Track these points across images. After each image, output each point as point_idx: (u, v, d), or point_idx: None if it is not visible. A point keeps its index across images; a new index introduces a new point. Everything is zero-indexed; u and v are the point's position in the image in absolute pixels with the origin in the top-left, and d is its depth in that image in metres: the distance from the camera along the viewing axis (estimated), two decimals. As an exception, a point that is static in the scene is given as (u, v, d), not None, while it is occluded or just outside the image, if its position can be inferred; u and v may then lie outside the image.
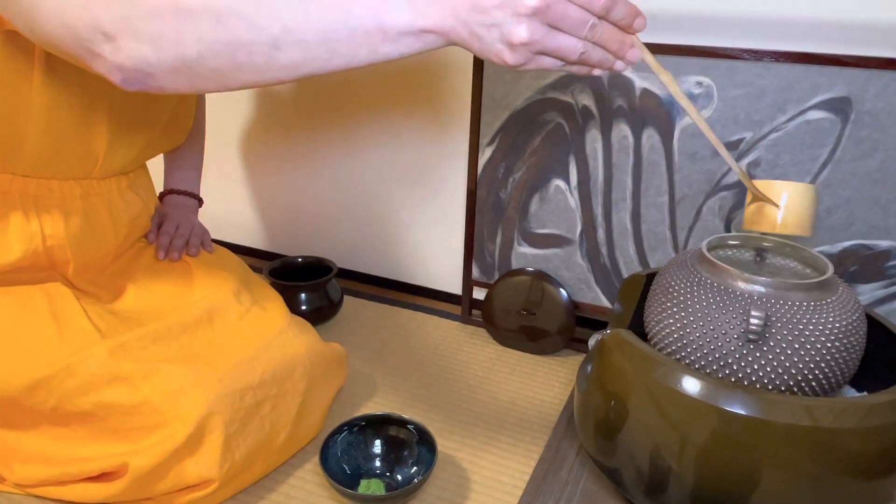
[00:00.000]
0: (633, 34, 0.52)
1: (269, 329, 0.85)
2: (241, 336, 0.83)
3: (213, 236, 1.02)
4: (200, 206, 1.08)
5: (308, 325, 0.91)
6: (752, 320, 0.61)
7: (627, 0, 0.50)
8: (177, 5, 0.50)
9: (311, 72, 0.54)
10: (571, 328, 1.07)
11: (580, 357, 1.08)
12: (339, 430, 0.78)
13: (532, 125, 1.02)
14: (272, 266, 1.15)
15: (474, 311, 1.19)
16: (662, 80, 0.58)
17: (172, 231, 0.96)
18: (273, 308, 0.89)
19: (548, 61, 0.51)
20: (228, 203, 1.41)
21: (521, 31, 0.47)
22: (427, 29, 0.50)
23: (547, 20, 0.47)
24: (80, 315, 0.77)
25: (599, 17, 0.49)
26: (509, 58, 0.50)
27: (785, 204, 0.66)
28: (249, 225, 1.42)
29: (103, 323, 0.77)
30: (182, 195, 1.05)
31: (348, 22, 0.50)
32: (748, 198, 0.68)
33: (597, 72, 0.54)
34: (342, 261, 1.31)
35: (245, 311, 0.87)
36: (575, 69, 0.53)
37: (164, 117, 0.90)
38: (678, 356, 0.67)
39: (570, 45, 0.49)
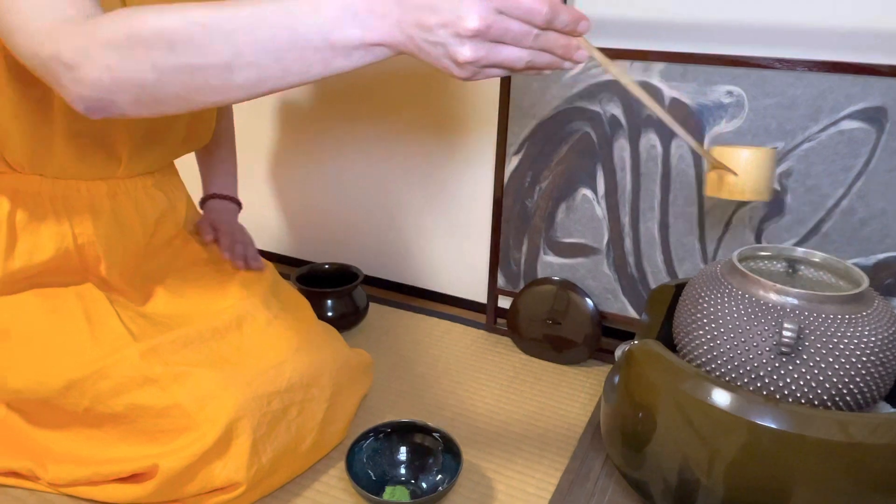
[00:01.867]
0: (579, 36, 0.52)
1: (297, 335, 0.86)
2: (270, 341, 0.84)
3: (243, 242, 1.04)
4: (240, 210, 1.10)
5: (335, 331, 0.92)
6: (785, 332, 0.60)
7: (569, 7, 0.50)
8: (131, 35, 0.52)
9: (271, 89, 0.55)
10: (597, 338, 1.07)
11: (606, 368, 1.07)
12: (365, 436, 0.78)
13: (559, 134, 1.02)
14: (300, 272, 1.17)
15: (499, 320, 1.19)
16: (612, 74, 0.58)
17: (236, 238, 1.00)
18: (301, 314, 0.91)
19: (496, 72, 0.52)
20: (257, 210, 1.43)
21: (465, 52, 0.48)
22: (376, 43, 0.51)
23: (489, 38, 0.48)
24: (113, 318, 0.79)
25: (543, 28, 0.50)
26: (457, 73, 0.51)
27: (743, 170, 0.66)
28: (277, 231, 1.44)
29: (135, 326, 0.79)
30: (224, 200, 1.07)
31: (297, 42, 0.51)
32: (707, 166, 0.70)
33: (546, 72, 0.54)
34: (368, 268, 1.32)
35: (273, 316, 0.88)
36: (523, 73, 0.53)
37: (185, 118, 0.92)
38: (708, 368, 0.67)
39: (515, 55, 0.50)
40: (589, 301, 1.06)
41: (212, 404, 0.72)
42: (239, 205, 1.10)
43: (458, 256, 1.25)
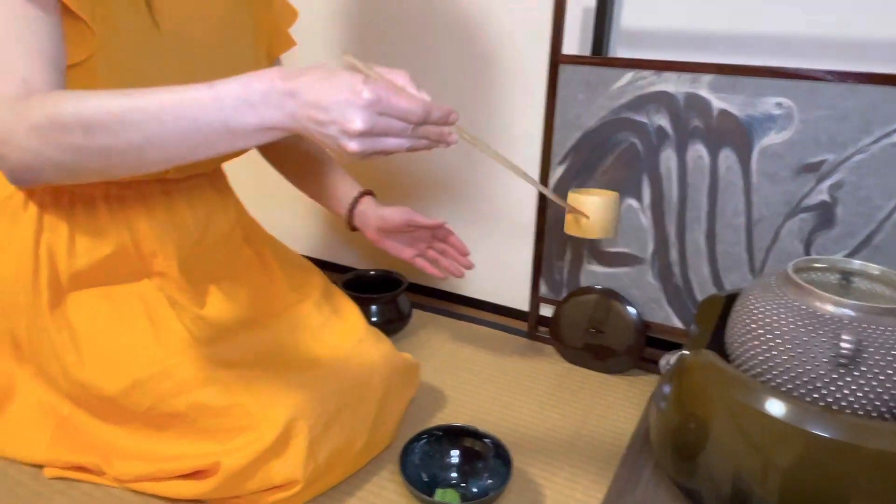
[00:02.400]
0: (451, 124, 0.60)
1: (348, 338, 0.88)
2: (323, 345, 0.86)
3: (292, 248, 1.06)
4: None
5: (384, 335, 0.93)
6: (844, 344, 0.60)
7: (440, 106, 0.57)
8: (52, 120, 0.57)
9: (180, 162, 0.62)
10: (641, 348, 1.07)
11: (650, 377, 1.08)
12: (417, 438, 0.80)
13: (605, 145, 1.03)
14: (346, 278, 1.19)
15: (540, 328, 1.19)
16: (479, 148, 0.67)
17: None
18: (352, 318, 0.93)
19: (381, 154, 0.58)
20: (304, 217, 1.46)
21: (352, 145, 0.55)
22: (271, 127, 0.57)
23: (374, 135, 0.55)
24: (174, 320, 0.82)
25: (419, 124, 0.57)
26: (346, 157, 0.58)
27: (592, 213, 0.79)
28: (323, 238, 1.46)
29: (195, 328, 0.82)
30: (370, 195, 1.01)
31: (201, 129, 0.57)
32: (567, 209, 0.82)
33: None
34: (412, 275, 1.33)
35: (326, 320, 0.90)
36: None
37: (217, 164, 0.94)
38: (763, 379, 0.67)
39: (396, 144, 0.58)
40: (633, 310, 1.06)
41: (271, 404, 0.75)
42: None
43: (500, 264, 1.26)
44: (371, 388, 0.83)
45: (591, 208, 0.79)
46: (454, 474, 0.81)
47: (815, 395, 0.64)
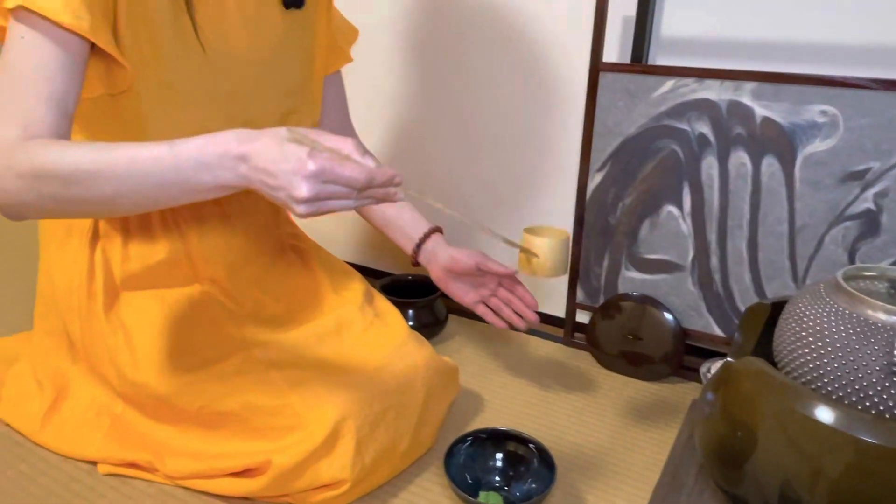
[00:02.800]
0: (399, 181, 0.62)
1: (391, 341, 0.90)
2: (367, 347, 0.88)
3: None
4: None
5: (424, 339, 0.95)
6: (897, 353, 0.60)
7: (384, 169, 0.59)
8: (34, 170, 0.60)
9: (153, 209, 0.69)
10: (680, 355, 1.07)
11: (689, 385, 1.08)
12: (462, 440, 0.81)
13: (645, 152, 1.04)
14: (382, 283, 1.21)
15: (577, 335, 1.20)
16: (427, 202, 0.71)
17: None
18: (393, 321, 0.94)
19: (329, 213, 0.61)
20: (344, 223, 1.47)
21: (300, 209, 0.58)
22: (227, 186, 0.61)
23: (319, 199, 0.57)
24: (225, 322, 0.84)
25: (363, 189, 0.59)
26: (295, 217, 0.65)
27: (542, 253, 0.82)
28: (360, 243, 1.48)
29: (247, 330, 0.84)
30: (438, 232, 0.98)
31: (164, 185, 0.61)
32: (519, 249, 0.85)
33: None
34: None
35: (369, 323, 0.92)
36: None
37: None
38: (813, 386, 0.67)
39: (343, 205, 0.60)
40: (671, 317, 1.06)
41: (319, 405, 0.76)
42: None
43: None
44: (414, 390, 0.84)
45: (542, 249, 0.81)
46: (497, 477, 0.81)
47: (867, 403, 0.63)
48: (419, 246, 0.95)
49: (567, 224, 1.19)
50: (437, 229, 0.97)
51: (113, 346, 0.83)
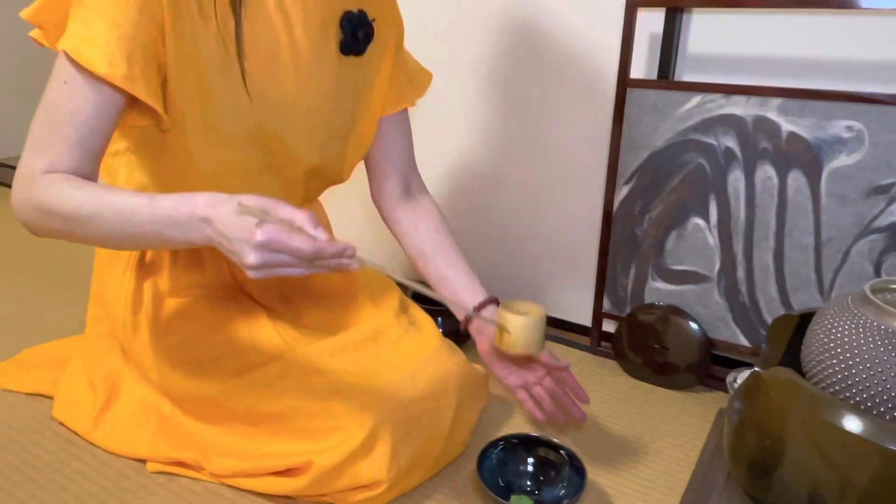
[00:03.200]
0: (351, 254, 0.63)
1: (425, 348, 0.91)
2: (402, 353, 0.89)
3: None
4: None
5: (456, 347, 0.96)
6: (925, 364, 0.61)
7: (334, 243, 0.60)
8: (44, 207, 0.66)
9: (141, 249, 0.77)
10: (706, 365, 1.08)
11: (715, 394, 1.08)
12: (494, 445, 0.82)
13: (672, 165, 1.05)
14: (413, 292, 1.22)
15: (603, 343, 1.21)
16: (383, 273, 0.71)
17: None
18: (427, 329, 0.96)
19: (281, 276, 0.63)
20: (379, 236, 1.50)
21: (250, 273, 0.60)
22: (196, 243, 0.64)
23: (267, 267, 0.59)
24: (271, 329, 0.87)
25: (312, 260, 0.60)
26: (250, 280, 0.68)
27: (515, 331, 0.78)
28: (395, 254, 1.49)
29: (289, 336, 0.86)
30: (492, 304, 0.90)
31: (146, 234, 0.65)
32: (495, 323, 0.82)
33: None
34: None
35: (404, 331, 0.93)
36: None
37: (305, 195, 0.94)
38: (841, 397, 0.68)
39: (293, 272, 0.61)
40: (697, 327, 1.07)
41: (358, 409, 0.78)
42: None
43: (562, 280, 1.28)
44: (447, 396, 0.85)
45: (514, 327, 0.78)
46: (528, 482, 0.83)
47: (895, 414, 0.64)
48: (470, 318, 0.89)
49: (593, 234, 1.21)
50: (493, 300, 0.89)
51: (161, 349, 0.86)
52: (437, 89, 1.32)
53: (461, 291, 0.90)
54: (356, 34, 0.82)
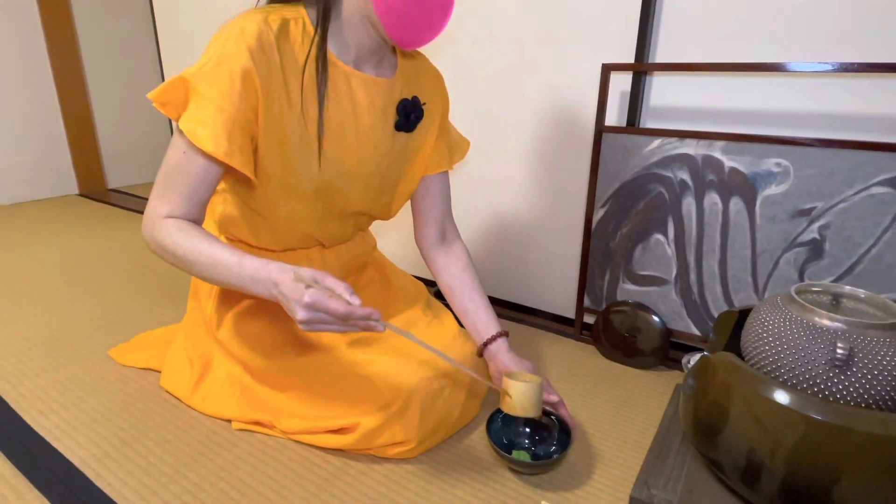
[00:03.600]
0: (376, 318, 0.65)
1: (446, 335, 0.92)
2: (428, 339, 0.89)
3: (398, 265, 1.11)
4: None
5: (469, 336, 0.97)
6: (839, 351, 0.61)
7: (362, 309, 0.63)
8: (162, 246, 0.70)
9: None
10: (665, 350, 1.07)
11: (672, 373, 1.08)
12: (498, 411, 0.83)
13: (638, 193, 1.05)
14: (435, 290, 1.23)
15: (584, 332, 1.21)
16: (411, 339, 0.70)
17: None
18: (448, 321, 0.96)
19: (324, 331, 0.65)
20: (409, 246, 1.51)
21: (301, 326, 0.63)
22: (264, 297, 0.67)
23: (312, 322, 0.63)
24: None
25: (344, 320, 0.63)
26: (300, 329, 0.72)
27: (515, 396, 0.75)
28: (420, 261, 1.51)
29: None
30: (502, 338, 0.88)
31: (230, 282, 0.68)
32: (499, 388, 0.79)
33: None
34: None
35: (429, 321, 0.94)
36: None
37: (358, 227, 0.94)
38: (773, 375, 0.67)
39: (333, 328, 0.64)
40: (658, 320, 1.07)
41: (395, 382, 0.79)
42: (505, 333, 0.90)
43: (553, 281, 1.28)
44: (463, 373, 0.86)
45: (514, 392, 0.75)
46: (526, 440, 0.83)
47: (815, 389, 0.64)
48: (485, 345, 0.88)
49: (576, 244, 1.21)
50: (503, 333, 0.88)
51: (242, 336, 0.88)
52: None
53: (478, 323, 0.89)
54: (409, 117, 0.82)
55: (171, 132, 2.62)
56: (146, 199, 2.29)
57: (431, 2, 0.69)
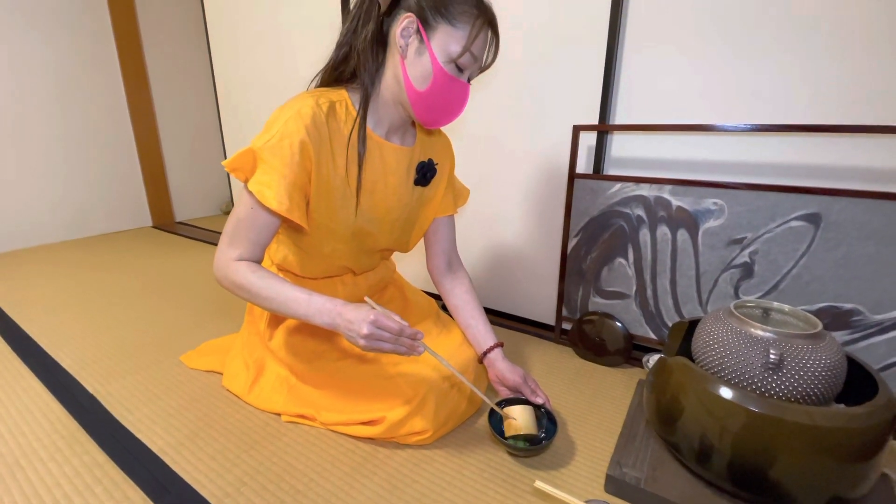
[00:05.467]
0: (419, 340, 0.68)
1: (453, 343, 0.91)
2: (439, 347, 0.89)
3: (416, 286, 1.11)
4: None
5: (471, 343, 0.96)
6: (771, 356, 0.61)
7: (411, 329, 0.67)
8: (236, 284, 0.71)
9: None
10: (629, 351, 1.07)
11: (636, 370, 1.07)
12: (498, 404, 0.82)
13: (604, 226, 1.06)
14: (441, 304, 1.23)
15: (562, 337, 1.20)
16: (438, 360, 0.72)
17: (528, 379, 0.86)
18: (455, 331, 0.96)
19: (378, 350, 0.67)
20: (420, 266, 1.50)
21: (361, 342, 0.65)
22: (326, 325, 0.68)
23: (373, 338, 0.65)
24: None
25: (398, 335, 0.66)
26: (359, 349, 0.72)
27: (519, 417, 0.76)
28: (419, 273, 1.51)
29: None
30: (500, 347, 0.88)
31: (297, 314, 0.69)
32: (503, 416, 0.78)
33: (406, 355, 0.69)
34: (481, 300, 1.34)
35: (440, 332, 0.94)
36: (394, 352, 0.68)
37: (382, 257, 0.95)
38: (719, 375, 0.68)
39: (387, 347, 0.67)
40: (622, 326, 1.07)
41: (414, 383, 0.79)
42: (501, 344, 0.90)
43: (537, 295, 1.28)
44: (468, 373, 0.86)
45: (517, 414, 0.76)
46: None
47: (753, 387, 0.65)
48: (484, 354, 0.88)
49: (555, 264, 1.21)
50: (499, 344, 0.88)
51: (289, 344, 0.87)
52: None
53: (478, 336, 0.89)
54: (426, 175, 0.84)
55: (228, 177, 2.63)
56: (207, 230, 2.31)
57: (451, 96, 0.71)
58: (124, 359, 1.07)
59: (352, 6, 0.73)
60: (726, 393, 0.63)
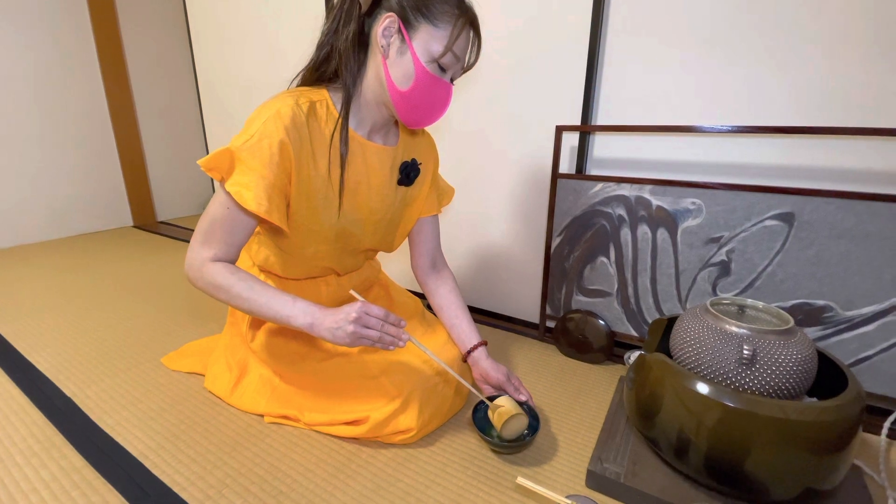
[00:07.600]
0: (402, 328, 0.69)
1: (438, 341, 0.91)
2: (426, 345, 0.89)
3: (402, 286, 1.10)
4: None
5: (455, 343, 0.96)
6: (745, 351, 0.62)
7: (395, 315, 0.69)
8: (211, 283, 0.69)
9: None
10: (611, 348, 1.08)
11: (617, 366, 1.08)
12: (481, 402, 0.83)
13: (586, 225, 1.07)
14: (426, 303, 1.23)
15: (547, 334, 1.21)
16: (422, 349, 0.74)
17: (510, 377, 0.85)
18: (439, 329, 0.95)
19: (363, 342, 0.67)
20: (405, 266, 1.50)
21: (349, 327, 0.66)
22: (304, 327, 0.68)
23: (360, 324, 0.66)
24: None
25: (384, 321, 0.67)
26: (343, 347, 0.74)
27: (504, 403, 0.76)
28: (411, 277, 1.50)
29: None
30: (483, 345, 0.87)
31: (275, 317, 0.69)
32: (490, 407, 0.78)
33: (390, 347, 0.69)
34: (466, 299, 1.34)
35: (425, 331, 0.93)
36: (378, 346, 0.69)
37: (367, 258, 0.94)
38: (695, 371, 0.69)
39: (373, 335, 0.67)
40: (604, 324, 1.08)
41: (398, 381, 0.79)
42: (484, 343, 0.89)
43: (522, 293, 1.28)
44: (450, 374, 0.85)
45: (503, 401, 0.77)
46: (503, 425, 0.83)
47: (727, 382, 0.66)
48: (468, 353, 0.87)
49: (539, 264, 1.22)
50: (483, 343, 0.87)
51: (271, 345, 0.86)
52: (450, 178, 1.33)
53: (462, 335, 0.89)
54: (409, 175, 0.83)
55: (210, 178, 2.57)
56: (189, 230, 2.27)
57: (434, 97, 0.70)
58: (103, 361, 1.05)
59: (333, 5, 0.73)
60: (702, 388, 0.64)
